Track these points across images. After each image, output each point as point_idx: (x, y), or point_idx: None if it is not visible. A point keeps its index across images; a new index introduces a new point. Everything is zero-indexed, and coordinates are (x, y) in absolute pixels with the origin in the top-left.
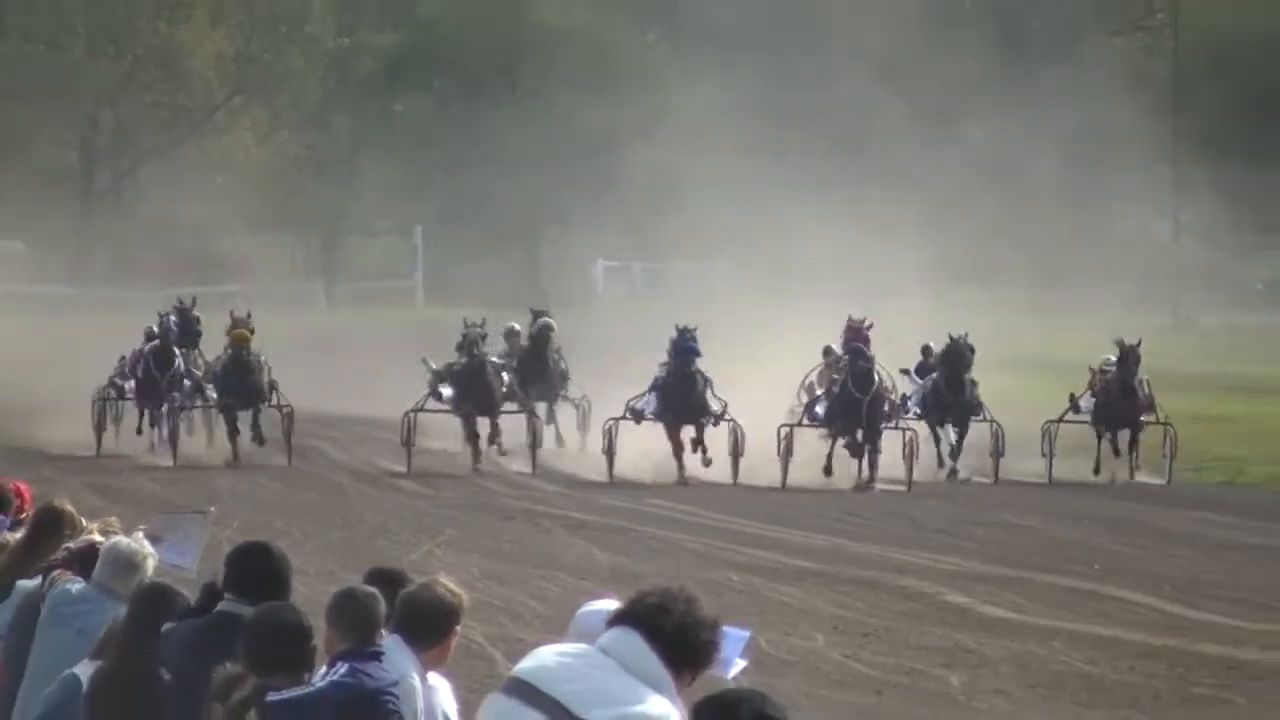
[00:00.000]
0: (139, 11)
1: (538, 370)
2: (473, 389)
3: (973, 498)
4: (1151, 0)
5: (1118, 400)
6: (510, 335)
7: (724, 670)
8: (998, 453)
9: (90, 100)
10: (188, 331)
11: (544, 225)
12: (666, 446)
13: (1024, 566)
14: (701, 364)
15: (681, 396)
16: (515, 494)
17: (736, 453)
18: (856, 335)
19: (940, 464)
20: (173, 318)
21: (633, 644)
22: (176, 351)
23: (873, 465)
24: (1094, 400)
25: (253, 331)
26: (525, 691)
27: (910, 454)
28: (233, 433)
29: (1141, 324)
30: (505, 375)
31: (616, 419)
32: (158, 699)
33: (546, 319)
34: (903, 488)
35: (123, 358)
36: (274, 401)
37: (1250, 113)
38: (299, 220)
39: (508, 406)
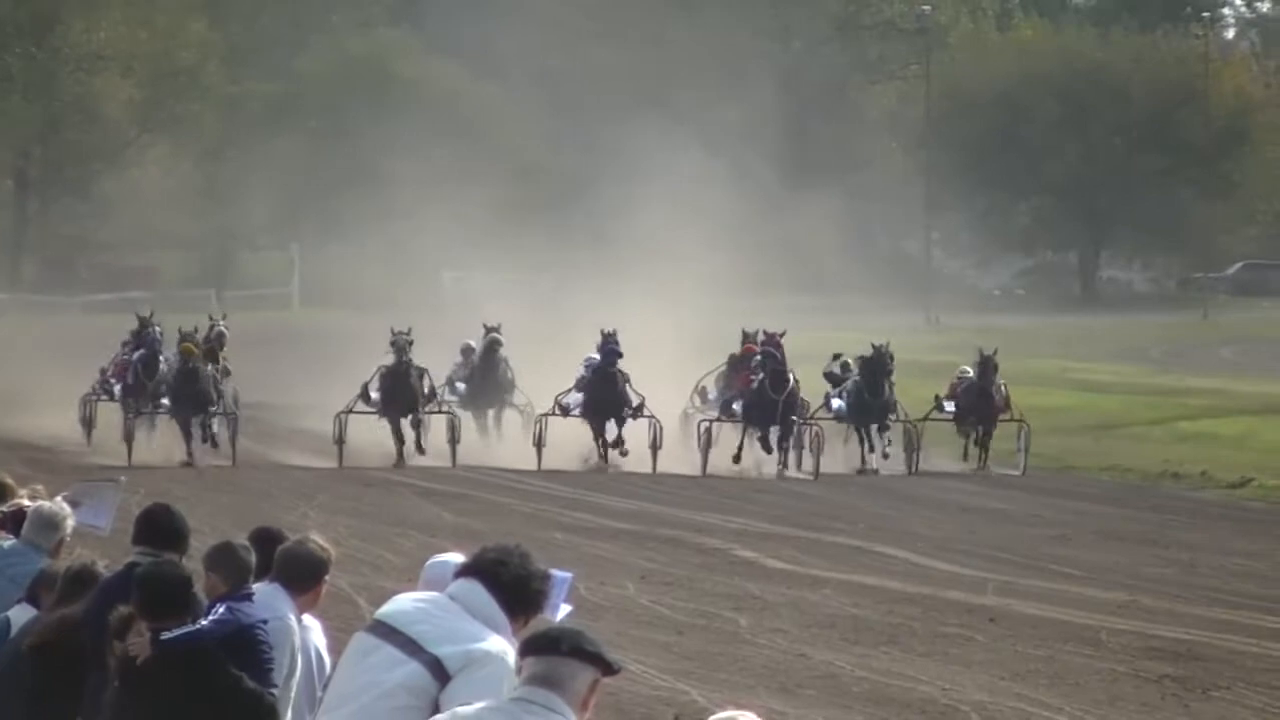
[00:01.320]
0: (64, 65)
1: (489, 378)
2: (397, 391)
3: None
4: (906, 55)
5: (976, 401)
6: (466, 350)
7: (553, 614)
8: (912, 448)
9: (23, 138)
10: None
11: (399, 241)
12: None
13: (801, 526)
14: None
15: (604, 394)
16: (377, 467)
17: (656, 445)
18: (770, 341)
19: (863, 462)
20: (158, 328)
21: (476, 592)
22: (162, 359)
23: (786, 454)
24: (956, 402)
25: (198, 345)
26: (385, 630)
27: (817, 448)
28: (186, 436)
29: (897, 323)
30: (459, 384)
31: (545, 414)
32: (80, 644)
33: (495, 335)
34: (810, 477)
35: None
36: (221, 409)
37: (989, 149)
38: (196, 238)
39: (430, 407)
